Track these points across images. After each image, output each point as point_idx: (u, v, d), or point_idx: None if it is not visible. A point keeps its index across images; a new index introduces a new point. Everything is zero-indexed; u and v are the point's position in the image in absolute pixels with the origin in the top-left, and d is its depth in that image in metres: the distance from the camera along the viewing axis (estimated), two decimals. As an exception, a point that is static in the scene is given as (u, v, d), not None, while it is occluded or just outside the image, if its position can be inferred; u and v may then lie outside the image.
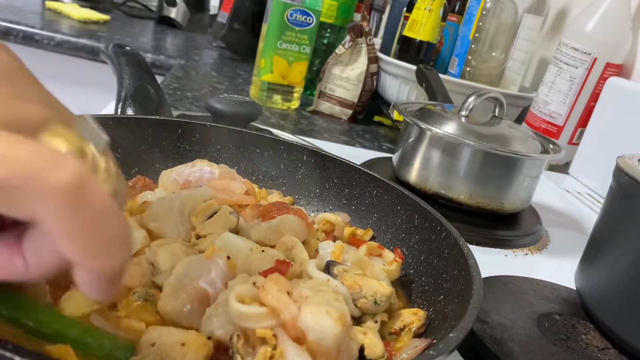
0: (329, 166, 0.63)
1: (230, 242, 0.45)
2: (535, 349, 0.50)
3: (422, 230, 0.54)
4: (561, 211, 0.97)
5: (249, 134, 0.65)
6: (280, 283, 0.37)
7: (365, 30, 1.22)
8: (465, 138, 0.76)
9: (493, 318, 0.53)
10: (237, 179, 0.60)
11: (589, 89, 1.13)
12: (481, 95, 0.83)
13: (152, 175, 0.59)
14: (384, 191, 0.59)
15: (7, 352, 0.24)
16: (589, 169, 1.14)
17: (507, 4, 1.21)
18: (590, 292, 0.58)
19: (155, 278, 0.43)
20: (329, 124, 1.23)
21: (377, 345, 0.39)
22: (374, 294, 0.43)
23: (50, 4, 1.86)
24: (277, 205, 0.56)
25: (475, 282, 0.42)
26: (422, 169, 0.80)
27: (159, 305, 0.39)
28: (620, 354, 0.53)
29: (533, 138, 0.83)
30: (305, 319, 0.34)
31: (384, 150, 1.12)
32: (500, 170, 0.77)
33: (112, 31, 1.76)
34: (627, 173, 0.54)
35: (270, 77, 1.21)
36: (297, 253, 0.47)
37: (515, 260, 0.74)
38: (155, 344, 0.34)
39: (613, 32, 1.10)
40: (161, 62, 1.57)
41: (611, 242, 0.57)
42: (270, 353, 0.34)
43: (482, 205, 0.78)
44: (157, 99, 0.73)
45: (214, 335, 0.37)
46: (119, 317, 0.38)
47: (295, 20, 1.18)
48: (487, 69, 1.27)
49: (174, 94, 1.17)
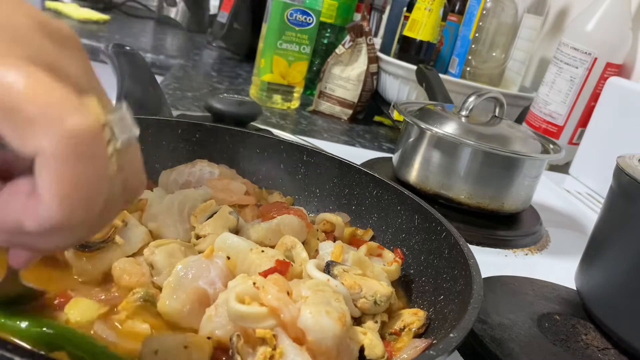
0: (329, 166, 0.63)
1: (230, 242, 0.45)
2: (535, 349, 0.50)
3: (422, 230, 0.54)
4: (561, 211, 0.97)
5: (249, 134, 0.65)
6: (280, 283, 0.37)
7: (365, 30, 1.22)
8: (465, 138, 0.76)
9: (493, 318, 0.53)
10: (237, 179, 0.60)
11: (589, 89, 1.13)
12: (481, 95, 0.83)
13: (152, 175, 0.59)
14: (384, 191, 0.59)
15: (7, 352, 0.24)
16: (589, 169, 1.14)
17: (507, 4, 1.21)
18: (590, 292, 0.58)
19: (155, 278, 0.43)
20: (329, 124, 1.23)
21: (377, 345, 0.39)
22: (374, 294, 0.43)
23: (50, 4, 1.86)
24: (277, 206, 0.56)
25: (475, 282, 0.42)
26: (422, 169, 0.80)
27: (159, 305, 0.39)
28: (620, 354, 0.53)
29: (533, 138, 0.83)
30: (305, 319, 0.34)
31: (384, 150, 1.12)
32: (500, 170, 0.77)
33: (112, 31, 1.76)
34: (627, 173, 0.54)
35: (270, 77, 1.21)
36: (297, 253, 0.47)
37: (515, 260, 0.74)
38: (158, 351, 0.34)
39: (613, 32, 1.10)
40: (161, 62, 1.57)
41: (611, 242, 0.57)
42: (270, 353, 0.34)
43: (482, 205, 0.78)
44: (157, 99, 0.73)
45: (214, 336, 0.37)
46: (121, 321, 0.38)
47: (295, 20, 1.18)
48: (487, 69, 1.27)
49: (174, 94, 1.17)
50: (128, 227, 0.46)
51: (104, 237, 0.44)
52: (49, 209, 0.23)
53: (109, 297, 0.41)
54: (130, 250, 0.46)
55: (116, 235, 0.45)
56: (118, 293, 0.41)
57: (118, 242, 0.45)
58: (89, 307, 0.38)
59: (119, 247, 0.45)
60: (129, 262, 0.44)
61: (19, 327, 0.32)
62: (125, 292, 0.41)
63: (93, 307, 0.39)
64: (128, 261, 0.44)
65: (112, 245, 0.44)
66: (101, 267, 0.43)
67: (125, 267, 0.43)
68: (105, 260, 0.43)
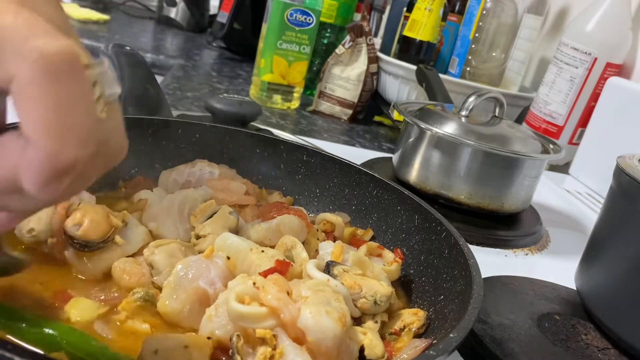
0: (329, 166, 0.63)
1: (230, 242, 0.45)
2: (535, 349, 0.50)
3: (422, 230, 0.54)
4: (561, 211, 0.97)
5: (249, 134, 0.65)
6: (280, 283, 0.37)
7: (365, 30, 1.22)
8: (465, 138, 0.76)
9: (493, 318, 0.53)
10: (237, 179, 0.60)
11: (589, 89, 1.13)
12: (481, 95, 0.83)
13: (152, 175, 0.59)
14: (384, 191, 0.59)
15: (7, 352, 0.24)
16: (589, 169, 1.14)
17: (507, 4, 1.21)
18: (590, 292, 0.58)
19: (155, 278, 0.43)
20: (329, 124, 1.23)
21: (377, 345, 0.39)
22: (374, 294, 0.43)
23: (50, 4, 1.86)
24: (276, 206, 0.56)
25: (475, 282, 0.42)
26: (422, 169, 0.80)
27: (159, 305, 0.39)
28: (620, 354, 0.53)
29: (533, 138, 0.83)
30: (305, 319, 0.34)
31: (384, 150, 1.12)
32: (500, 170, 0.77)
33: (112, 31, 1.76)
34: (627, 173, 0.54)
35: (270, 77, 1.21)
36: (297, 253, 0.47)
37: (515, 260, 0.74)
38: (158, 350, 0.34)
39: (613, 32, 1.10)
40: (161, 62, 1.56)
41: (611, 242, 0.57)
42: (270, 353, 0.34)
43: (482, 205, 0.78)
44: (157, 99, 0.73)
45: (214, 336, 0.37)
46: (121, 321, 0.38)
47: (295, 20, 1.18)
48: (487, 69, 1.27)
49: (174, 94, 1.17)
50: (128, 227, 0.46)
51: (104, 237, 0.44)
52: (38, 145, 0.22)
53: (109, 297, 0.41)
54: (130, 250, 0.46)
55: (116, 235, 0.45)
56: (118, 293, 0.42)
57: (118, 242, 0.45)
58: (89, 307, 0.38)
59: (119, 247, 0.45)
60: (129, 262, 0.44)
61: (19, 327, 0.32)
62: (125, 292, 0.41)
63: (93, 306, 0.39)
64: (128, 261, 0.44)
65: (112, 245, 0.44)
66: (101, 267, 0.43)
67: (125, 267, 0.43)
68: (105, 260, 0.44)
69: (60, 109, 0.22)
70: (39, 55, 0.21)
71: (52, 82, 0.21)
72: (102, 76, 0.24)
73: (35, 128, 0.22)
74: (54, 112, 0.22)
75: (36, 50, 0.21)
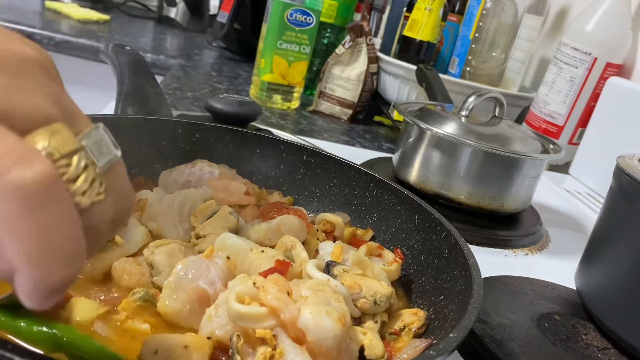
0: (329, 166, 0.63)
1: (230, 242, 0.44)
2: (535, 349, 0.50)
3: (422, 230, 0.54)
4: (561, 211, 0.97)
5: (249, 134, 0.65)
6: (280, 283, 0.37)
7: (365, 30, 1.22)
8: (465, 138, 0.76)
9: (493, 318, 0.53)
10: (237, 179, 0.60)
11: (589, 89, 1.13)
12: (481, 95, 0.83)
13: (152, 175, 0.59)
14: (384, 191, 0.59)
15: (7, 352, 0.24)
16: (589, 169, 1.14)
17: (507, 4, 1.21)
18: (590, 292, 0.58)
19: (154, 278, 0.43)
20: (329, 124, 1.23)
21: (377, 345, 0.39)
22: (374, 294, 0.43)
23: (50, 4, 1.86)
24: (276, 206, 0.56)
25: (475, 282, 0.42)
26: (422, 169, 0.80)
27: (159, 305, 0.39)
28: (620, 354, 0.53)
29: (533, 138, 0.83)
30: (305, 319, 0.34)
31: (384, 150, 1.12)
32: (500, 170, 0.77)
33: (112, 31, 1.76)
34: (627, 173, 0.54)
35: (270, 77, 1.21)
36: (297, 253, 0.47)
37: (515, 260, 0.74)
38: (158, 350, 0.34)
39: (613, 32, 1.10)
40: (161, 62, 1.57)
41: (611, 242, 0.57)
42: (270, 353, 0.34)
43: (482, 205, 0.78)
44: (157, 99, 0.73)
45: (214, 336, 0.37)
46: (121, 321, 0.38)
47: (295, 20, 1.18)
48: (487, 69, 1.27)
49: (174, 94, 1.17)
50: (128, 227, 0.46)
51: (104, 237, 0.44)
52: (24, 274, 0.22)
53: (109, 297, 0.41)
54: (130, 250, 0.46)
55: (116, 235, 0.45)
56: (118, 293, 0.41)
57: (118, 242, 0.45)
58: (89, 307, 0.38)
59: (119, 247, 0.45)
60: (129, 262, 0.44)
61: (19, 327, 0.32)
62: (125, 292, 0.41)
63: (93, 306, 0.39)
64: (128, 261, 0.44)
65: (112, 245, 0.44)
66: (101, 267, 0.43)
67: (125, 267, 0.43)
68: (105, 260, 0.43)
69: (41, 237, 0.22)
70: (11, 190, 0.21)
71: (30, 212, 0.21)
72: (96, 145, 0.24)
73: (19, 258, 0.22)
74: (35, 241, 0.22)
75: (9, 185, 0.21)
